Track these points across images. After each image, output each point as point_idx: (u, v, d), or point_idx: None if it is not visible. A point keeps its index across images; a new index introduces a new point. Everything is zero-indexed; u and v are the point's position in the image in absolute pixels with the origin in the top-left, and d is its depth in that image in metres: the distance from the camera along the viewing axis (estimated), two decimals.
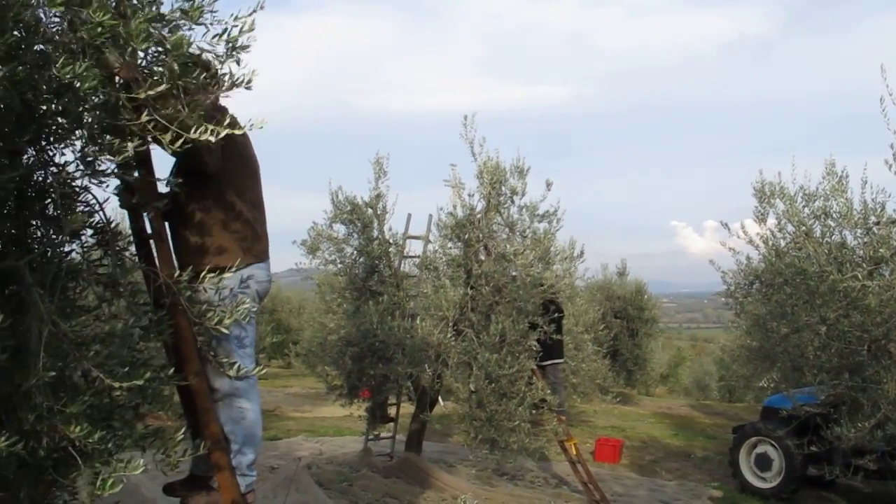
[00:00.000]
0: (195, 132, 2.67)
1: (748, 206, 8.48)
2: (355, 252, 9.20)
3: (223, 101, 3.24)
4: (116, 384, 2.40)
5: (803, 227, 7.53)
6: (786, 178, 7.89)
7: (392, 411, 9.73)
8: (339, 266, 9.34)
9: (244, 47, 2.79)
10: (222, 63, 2.85)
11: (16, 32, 2.24)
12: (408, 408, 10.11)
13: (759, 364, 9.55)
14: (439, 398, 10.42)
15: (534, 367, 7.96)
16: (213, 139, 2.70)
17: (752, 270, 8.76)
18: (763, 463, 9.32)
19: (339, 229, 9.28)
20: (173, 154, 2.98)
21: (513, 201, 8.35)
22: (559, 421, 8.74)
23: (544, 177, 8.15)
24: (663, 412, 17.12)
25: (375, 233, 9.18)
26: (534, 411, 7.81)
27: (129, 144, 2.61)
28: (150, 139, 2.77)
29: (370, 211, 9.10)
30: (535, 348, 7.83)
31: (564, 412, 10.17)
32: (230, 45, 2.77)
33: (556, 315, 8.41)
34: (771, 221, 8.19)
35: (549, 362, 9.97)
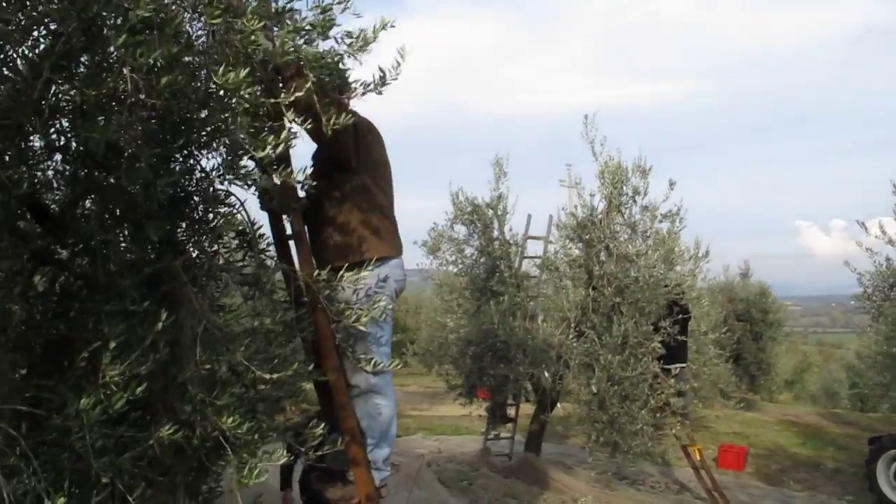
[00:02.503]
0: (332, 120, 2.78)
1: (884, 203, 8.06)
2: (476, 252, 9.26)
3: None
4: (266, 376, 2.51)
5: None
6: None
7: (511, 412, 9.73)
8: (460, 266, 9.42)
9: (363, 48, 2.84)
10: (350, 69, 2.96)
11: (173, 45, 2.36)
12: (526, 409, 10.09)
13: None
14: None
15: (657, 369, 7.80)
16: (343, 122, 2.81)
17: (893, 272, 8.31)
18: None
19: (460, 230, 9.36)
20: (318, 141, 3.13)
21: (635, 201, 8.24)
22: (683, 425, 8.53)
23: (662, 175, 7.99)
24: (789, 420, 16.42)
25: (496, 233, 9.21)
26: (657, 414, 7.66)
27: (270, 149, 2.70)
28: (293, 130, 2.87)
29: (491, 212, 9.14)
30: (658, 350, 7.67)
31: (687, 416, 9.92)
32: (359, 48, 2.83)
33: (680, 317, 8.20)
34: None
35: (675, 366, 9.69)
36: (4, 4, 2.05)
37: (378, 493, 3.44)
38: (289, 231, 3.34)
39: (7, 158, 2.20)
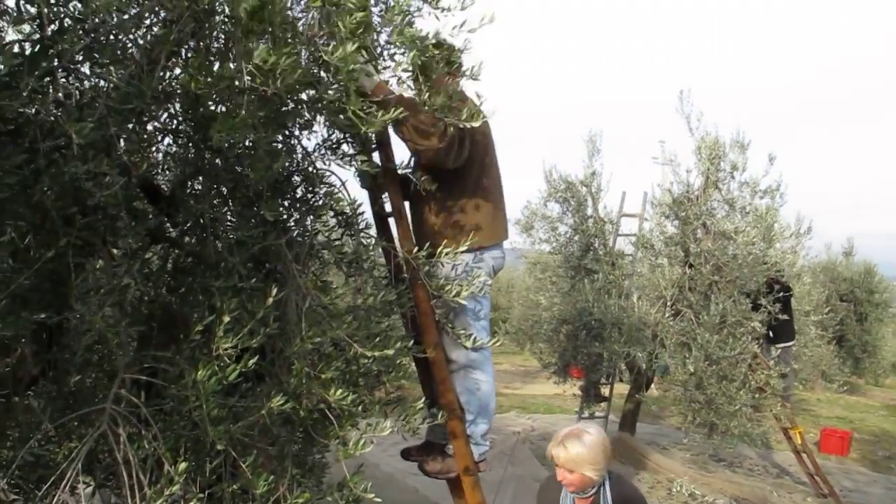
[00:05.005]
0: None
1: None
2: (570, 230, 9.20)
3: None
4: (368, 353, 2.58)
5: None
6: None
7: (605, 391, 9.68)
8: (554, 244, 9.38)
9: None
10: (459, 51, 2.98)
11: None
12: (620, 388, 10.01)
13: None
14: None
15: (756, 349, 7.61)
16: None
17: None
18: None
19: (554, 208, 9.32)
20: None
21: (733, 177, 8.05)
22: (783, 407, 8.31)
23: (762, 151, 7.78)
24: None
25: (590, 211, 9.13)
26: (756, 395, 7.50)
27: (370, 129, 2.73)
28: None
29: (585, 189, 9.06)
30: (759, 329, 7.49)
31: (788, 399, 9.64)
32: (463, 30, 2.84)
33: (781, 295, 7.97)
34: None
35: (781, 345, 9.35)
36: None
37: (477, 467, 3.49)
38: (388, 209, 3.39)
39: (123, 142, 2.31)
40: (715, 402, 7.29)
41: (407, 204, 3.48)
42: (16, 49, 1.90)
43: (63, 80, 2.01)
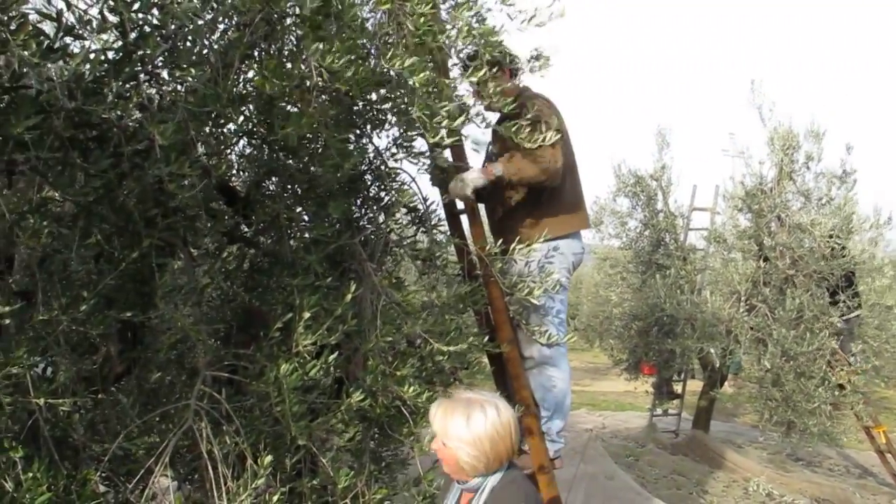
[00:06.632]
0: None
1: None
2: (640, 225, 9.10)
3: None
4: (444, 348, 2.59)
5: None
6: None
7: (678, 387, 9.54)
8: (623, 240, 9.29)
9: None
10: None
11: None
12: (693, 385, 9.85)
13: None
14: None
15: (835, 345, 7.39)
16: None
17: None
18: None
19: (623, 203, 9.23)
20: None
21: (808, 168, 7.86)
22: (865, 405, 8.05)
23: (838, 140, 7.57)
24: None
25: (660, 205, 9.02)
26: (836, 393, 7.28)
27: (442, 129, 2.73)
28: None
29: (654, 183, 8.94)
30: (838, 325, 7.27)
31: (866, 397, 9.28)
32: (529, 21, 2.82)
33: (861, 289, 7.72)
34: None
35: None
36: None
37: (552, 465, 3.46)
38: (460, 205, 3.39)
39: (202, 145, 2.36)
40: (792, 399, 7.12)
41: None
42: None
43: (145, 84, 2.06)
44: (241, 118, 2.62)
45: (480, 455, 2.22)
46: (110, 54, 1.92)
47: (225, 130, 2.54)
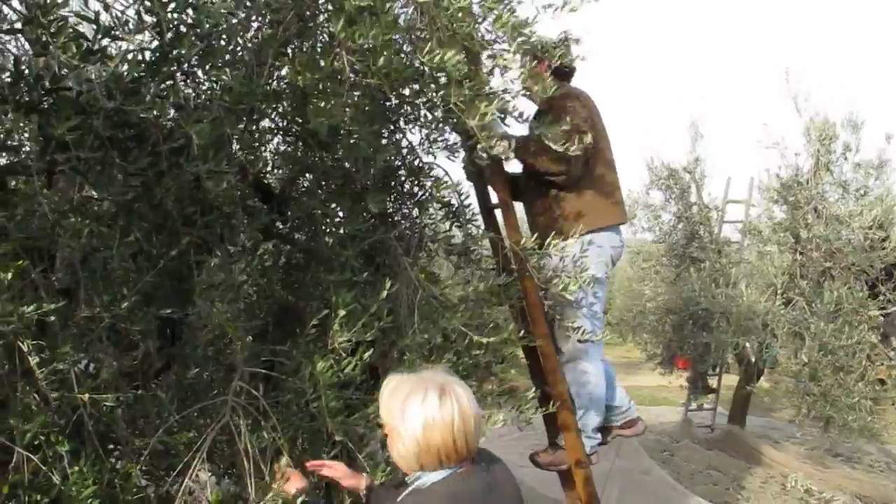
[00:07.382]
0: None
1: None
2: (673, 218, 9.03)
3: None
4: (483, 340, 2.58)
5: None
6: None
7: (713, 382, 9.45)
8: (657, 233, 9.22)
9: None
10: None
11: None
12: (728, 379, 9.75)
13: None
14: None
15: (875, 339, 7.27)
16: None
17: None
18: None
19: (656, 196, 9.16)
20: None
21: (845, 158, 7.74)
22: None
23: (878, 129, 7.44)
24: None
25: (694, 198, 8.93)
26: (877, 387, 7.17)
27: (473, 121, 2.71)
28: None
29: (688, 176, 8.86)
30: (877, 319, 7.15)
31: None
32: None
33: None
34: None
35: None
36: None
37: (588, 460, 3.44)
38: (494, 200, 3.38)
39: (237, 142, 2.38)
40: (831, 394, 7.03)
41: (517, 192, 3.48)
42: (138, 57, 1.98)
43: (181, 83, 2.08)
44: (276, 114, 2.64)
45: (411, 447, 1.80)
46: (147, 54, 1.94)
47: (260, 127, 2.56)
